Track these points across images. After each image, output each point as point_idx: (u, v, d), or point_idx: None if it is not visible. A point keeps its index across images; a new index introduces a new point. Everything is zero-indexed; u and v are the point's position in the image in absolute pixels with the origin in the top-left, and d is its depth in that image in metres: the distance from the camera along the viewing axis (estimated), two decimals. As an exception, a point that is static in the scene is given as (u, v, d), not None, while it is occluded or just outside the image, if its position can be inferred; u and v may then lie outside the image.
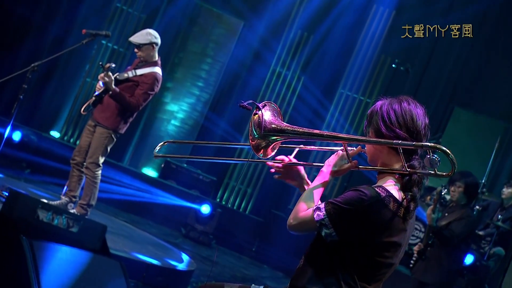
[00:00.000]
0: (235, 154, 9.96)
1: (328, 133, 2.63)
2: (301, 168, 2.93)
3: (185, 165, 10.27)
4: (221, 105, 10.56)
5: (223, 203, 10.71)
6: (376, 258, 2.50)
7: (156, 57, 6.62)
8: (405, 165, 2.56)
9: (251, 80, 11.01)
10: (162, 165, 10.38)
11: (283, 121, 2.74)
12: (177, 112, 11.26)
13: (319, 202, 2.56)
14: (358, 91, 10.15)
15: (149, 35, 6.57)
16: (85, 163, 6.32)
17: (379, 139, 2.56)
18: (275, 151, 2.80)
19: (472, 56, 10.10)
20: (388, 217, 2.47)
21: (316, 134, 2.65)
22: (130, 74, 6.57)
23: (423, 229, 9.21)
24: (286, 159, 2.93)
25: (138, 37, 6.51)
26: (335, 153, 2.78)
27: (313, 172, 7.81)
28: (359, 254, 2.48)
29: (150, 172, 10.87)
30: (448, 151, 2.40)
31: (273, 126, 2.72)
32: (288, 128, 2.69)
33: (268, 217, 10.19)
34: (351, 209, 2.45)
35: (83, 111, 6.38)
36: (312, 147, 3.08)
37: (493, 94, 10.01)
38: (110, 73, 6.22)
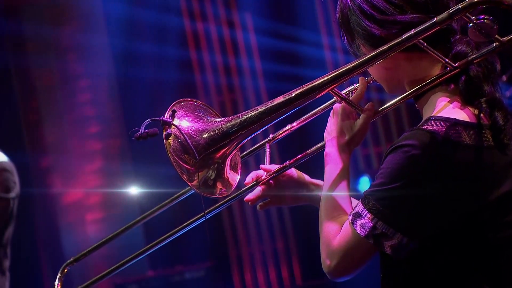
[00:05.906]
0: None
1: (300, 90, 1.99)
2: (295, 173, 2.34)
3: (150, 271, 8.63)
4: (149, 144, 5.64)
5: (253, 291, 9.93)
6: (497, 237, 1.86)
7: None
8: (447, 61, 1.90)
9: (171, 78, 8.66)
10: (117, 292, 9.58)
11: (219, 116, 2.15)
12: (86, 197, 8.98)
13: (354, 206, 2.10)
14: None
15: None
16: None
17: (380, 49, 1.90)
18: (239, 168, 2.17)
19: None
20: (472, 159, 1.84)
21: (283, 104, 2.00)
22: None
23: None
24: (261, 173, 2.28)
25: None
26: (331, 113, 2.12)
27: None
28: (466, 251, 1.87)
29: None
30: None
31: (206, 136, 2.01)
32: (234, 122, 2.03)
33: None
34: (408, 183, 1.84)
35: None
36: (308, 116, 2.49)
37: None
38: None
